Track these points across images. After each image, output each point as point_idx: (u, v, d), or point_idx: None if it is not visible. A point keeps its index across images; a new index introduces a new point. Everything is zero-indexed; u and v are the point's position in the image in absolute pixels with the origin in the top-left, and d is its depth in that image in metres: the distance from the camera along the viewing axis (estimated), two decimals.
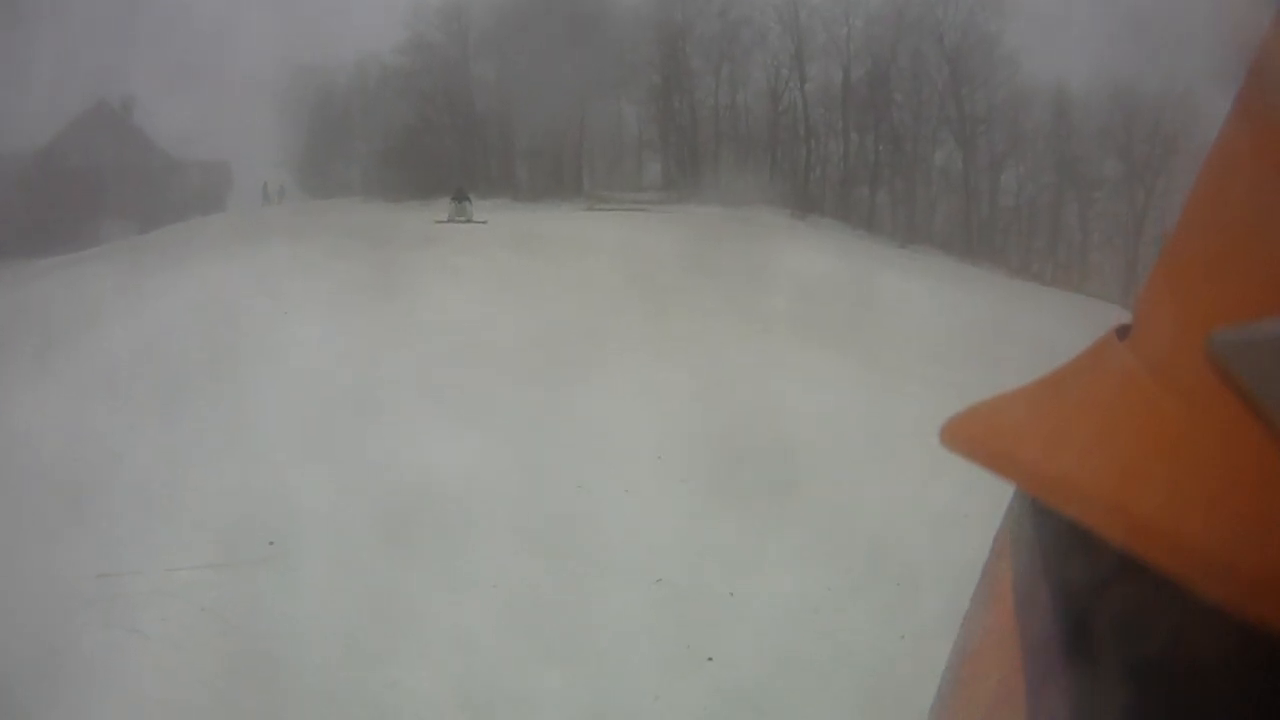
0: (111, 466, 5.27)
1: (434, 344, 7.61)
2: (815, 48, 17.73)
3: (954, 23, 17.49)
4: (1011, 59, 17.30)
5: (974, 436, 0.44)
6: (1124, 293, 16.53)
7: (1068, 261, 17.68)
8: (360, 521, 4.74)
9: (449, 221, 15.38)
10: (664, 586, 4.58)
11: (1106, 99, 16.84)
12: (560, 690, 3.91)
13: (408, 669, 4.04)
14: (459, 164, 16.47)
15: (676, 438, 6.13)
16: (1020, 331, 10.55)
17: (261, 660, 3.99)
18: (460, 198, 16.06)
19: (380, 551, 4.67)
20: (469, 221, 15.29)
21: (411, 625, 4.32)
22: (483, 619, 4.39)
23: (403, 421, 6.25)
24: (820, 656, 4.13)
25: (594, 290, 9.80)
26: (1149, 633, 0.31)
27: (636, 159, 18.52)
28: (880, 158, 17.91)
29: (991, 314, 11.42)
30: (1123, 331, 0.43)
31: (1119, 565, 0.31)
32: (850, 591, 4.71)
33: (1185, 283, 0.38)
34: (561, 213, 15.62)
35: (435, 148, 17.03)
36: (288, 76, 15.51)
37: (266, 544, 4.85)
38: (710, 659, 4.19)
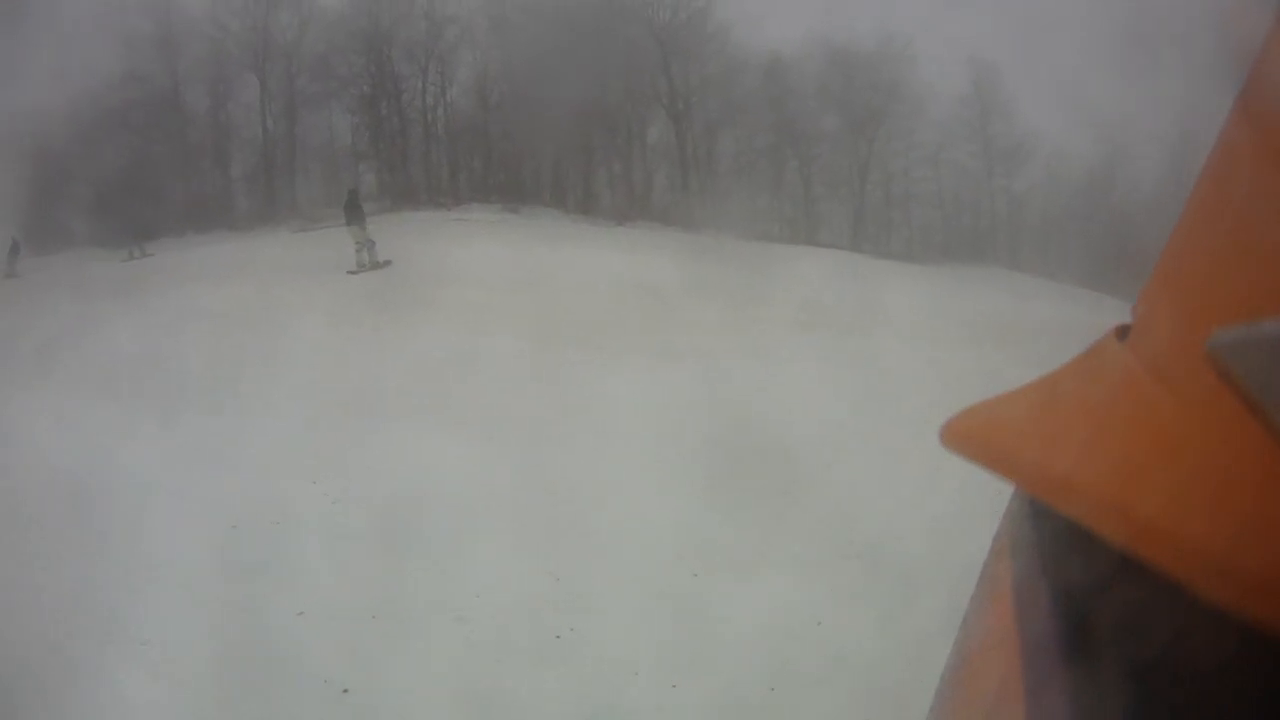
0: None
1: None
2: (521, 40, 18.07)
3: (664, 3, 17.77)
4: (722, 31, 17.62)
5: (974, 436, 0.44)
6: (853, 239, 17.29)
7: (794, 217, 18.26)
8: None
9: (359, 270, 12.55)
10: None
11: (822, 60, 17.58)
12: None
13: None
14: (178, 199, 15.82)
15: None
16: (737, 282, 10.72)
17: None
18: (356, 216, 13.13)
19: None
20: (378, 267, 12.56)
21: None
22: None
23: None
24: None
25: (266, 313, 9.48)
26: (1149, 633, 0.31)
27: (353, 171, 18.74)
28: (593, 140, 18.08)
29: (711, 271, 11.51)
30: (1123, 331, 0.43)
31: (1119, 566, 0.31)
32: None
33: (1185, 283, 0.38)
34: (276, 238, 15.16)
35: (152, 184, 16.12)
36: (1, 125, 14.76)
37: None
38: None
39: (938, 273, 15.18)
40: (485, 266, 11.35)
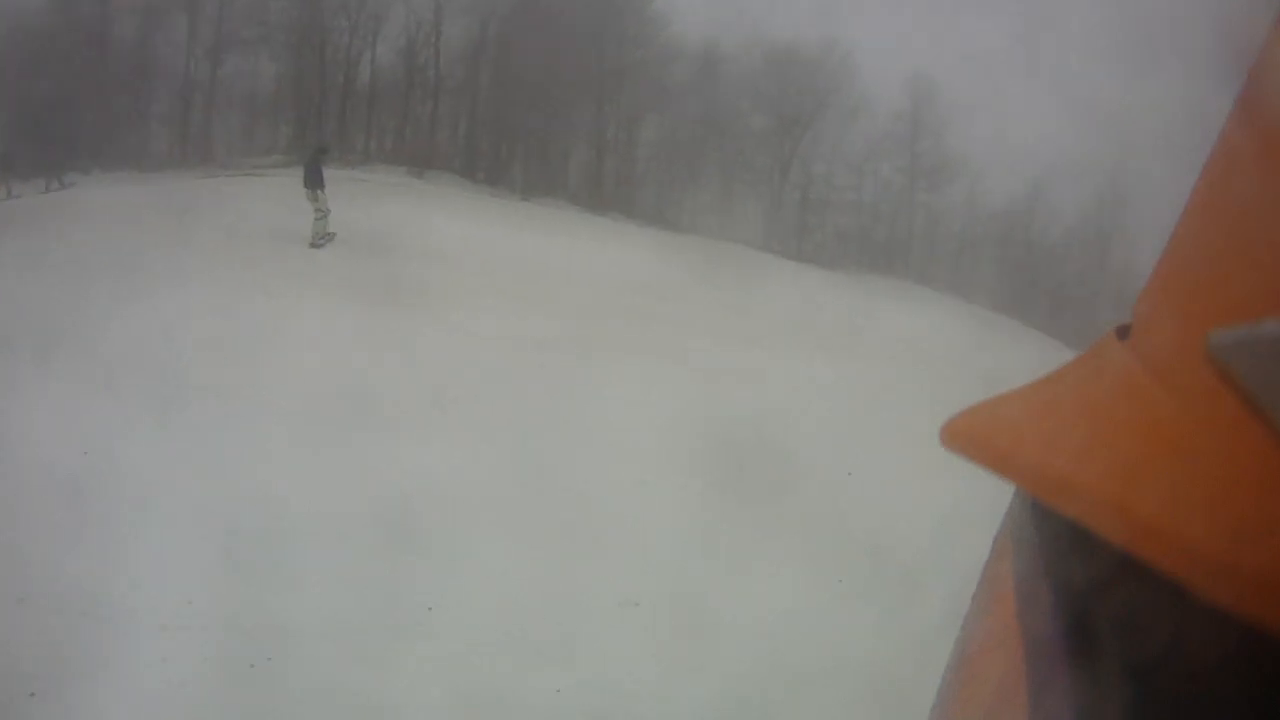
0: None
1: None
2: (458, 5, 17.51)
3: None
4: (662, 17, 17.25)
5: (974, 437, 0.44)
6: (766, 236, 17.01)
7: (707, 209, 17.99)
8: None
9: (320, 244, 11.60)
10: None
11: (759, 58, 17.30)
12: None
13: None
14: (92, 134, 14.75)
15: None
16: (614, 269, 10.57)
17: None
18: (315, 179, 11.73)
19: None
20: (327, 238, 11.54)
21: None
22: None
23: None
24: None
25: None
26: (1149, 633, 0.31)
27: (272, 122, 17.82)
28: (513, 115, 17.53)
29: (594, 257, 11.36)
30: (1123, 332, 0.43)
31: (1119, 565, 0.31)
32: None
33: (1185, 283, 0.38)
34: (181, 183, 13.81)
35: (67, 116, 14.91)
36: None
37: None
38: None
39: (841, 280, 14.83)
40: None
